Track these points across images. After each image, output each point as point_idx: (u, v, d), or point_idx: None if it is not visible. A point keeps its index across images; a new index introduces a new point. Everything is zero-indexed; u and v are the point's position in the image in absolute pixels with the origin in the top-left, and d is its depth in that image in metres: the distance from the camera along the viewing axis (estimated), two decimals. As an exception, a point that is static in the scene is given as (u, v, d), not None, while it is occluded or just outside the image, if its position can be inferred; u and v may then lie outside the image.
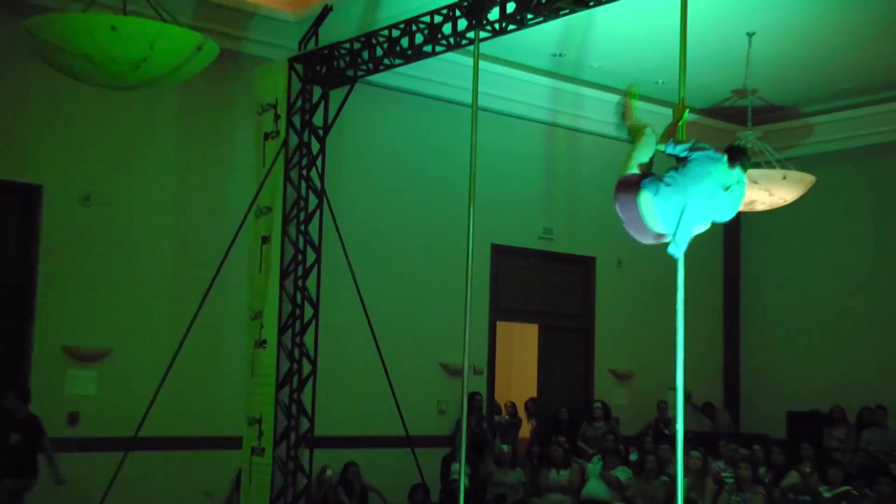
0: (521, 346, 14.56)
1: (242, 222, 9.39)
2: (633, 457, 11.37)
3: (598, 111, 13.21)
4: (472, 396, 11.54)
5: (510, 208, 12.61)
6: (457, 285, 9.12)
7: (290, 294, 9.49)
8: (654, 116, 13.83)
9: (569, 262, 13.36)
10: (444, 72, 11.45)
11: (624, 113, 5.65)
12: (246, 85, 10.34)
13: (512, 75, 12.19)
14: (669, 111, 5.92)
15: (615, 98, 13.25)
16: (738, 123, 12.49)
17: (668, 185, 5.10)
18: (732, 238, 14.80)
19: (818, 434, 12.31)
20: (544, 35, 10.81)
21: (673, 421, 11.64)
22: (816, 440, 11.82)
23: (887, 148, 13.35)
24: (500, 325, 12.72)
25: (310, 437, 9.38)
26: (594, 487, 10.34)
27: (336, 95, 9.79)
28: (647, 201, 5.09)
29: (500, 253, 12.59)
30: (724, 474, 10.32)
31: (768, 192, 10.46)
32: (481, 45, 7.88)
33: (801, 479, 9.93)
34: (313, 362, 9.53)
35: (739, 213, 13.60)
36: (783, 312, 14.36)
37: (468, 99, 8.20)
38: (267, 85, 9.62)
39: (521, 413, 12.91)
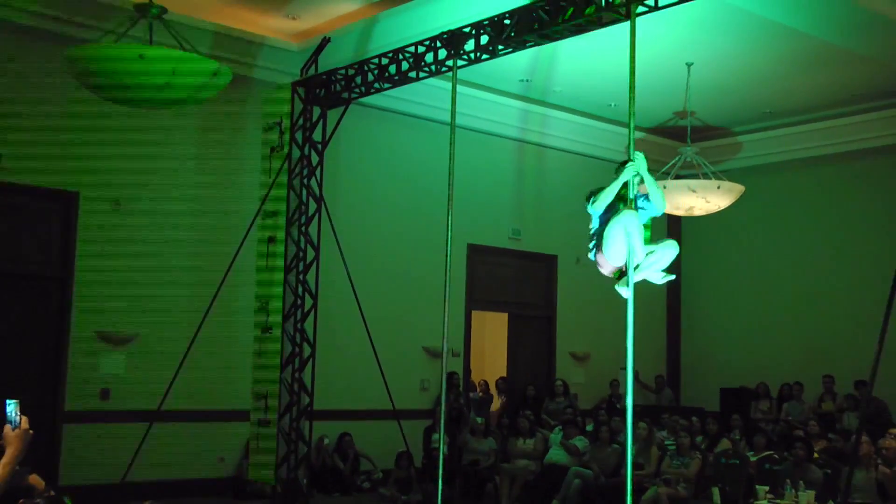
0: (492, 331, 14.62)
1: (251, 224, 9.38)
2: (589, 427, 11.43)
3: (561, 129, 13.31)
4: (451, 375, 11.57)
5: (484, 213, 12.65)
6: (437, 279, 9.13)
7: (293, 287, 9.46)
8: (607, 133, 13.95)
9: (534, 259, 13.42)
10: (427, 95, 11.48)
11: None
12: (255, 106, 10.32)
13: (486, 98, 12.23)
14: (621, 130, 5.92)
15: (576, 119, 13.43)
16: (679, 140, 12.60)
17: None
18: (675, 238, 14.88)
19: (746, 407, 12.42)
20: (514, 63, 10.86)
21: (623, 396, 11.76)
22: (744, 412, 11.94)
23: (806, 162, 13.45)
24: (475, 313, 12.77)
25: (309, 411, 9.36)
26: (556, 454, 10.38)
27: (333, 115, 9.79)
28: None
29: (475, 251, 12.63)
30: (666, 442, 10.38)
31: (705, 199, 10.54)
32: (459, 71, 7.90)
33: (731, 446, 9.99)
34: (312, 346, 9.49)
35: (680, 218, 13.89)
36: (717, 303, 14.47)
37: (447, 118, 8.25)
38: (273, 105, 9.61)
39: (493, 390, 12.95)
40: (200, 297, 9.52)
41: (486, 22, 7.54)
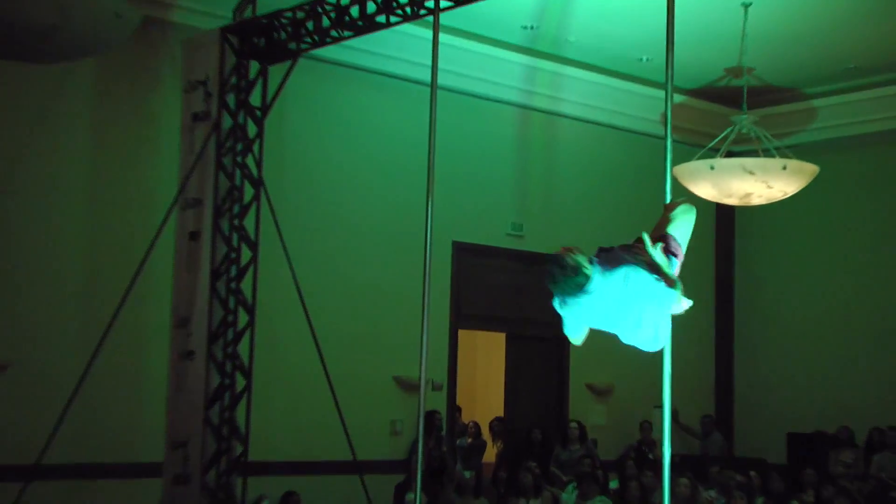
0: (486, 357, 14.58)
1: (167, 216, 9.33)
2: (613, 484, 11.41)
3: (576, 92, 13.30)
4: (431, 415, 11.54)
5: (475, 201, 12.63)
6: (413, 288, 9.09)
7: (222, 298, 9.44)
8: (636, 97, 13.98)
9: (541, 263, 13.30)
10: (401, 46, 11.43)
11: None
12: (172, 59, 10.26)
13: (478, 51, 12.19)
14: (655, 93, 5.92)
15: (597, 78, 13.42)
16: (732, 106, 12.59)
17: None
18: (725, 235, 14.92)
19: (823, 458, 12.42)
20: (515, 5, 10.82)
21: (658, 443, 11.75)
22: (821, 465, 11.93)
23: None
24: (462, 333, 12.73)
25: (243, 463, 9.34)
26: (569, 519, 10.38)
27: (276, 72, 9.74)
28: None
29: (464, 252, 12.60)
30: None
31: (766, 184, 10.54)
32: (443, 15, 7.87)
33: (802, 509, 10.02)
34: (248, 376, 9.49)
35: (732, 208, 13.91)
36: (783, 319, 14.47)
37: (427, 77, 8.20)
38: (196, 59, 9.57)
39: (486, 434, 12.92)
40: (98, 314, 9.45)
41: (477, -52, 7.52)
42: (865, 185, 13.90)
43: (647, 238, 4.76)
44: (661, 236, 4.92)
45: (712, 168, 10.28)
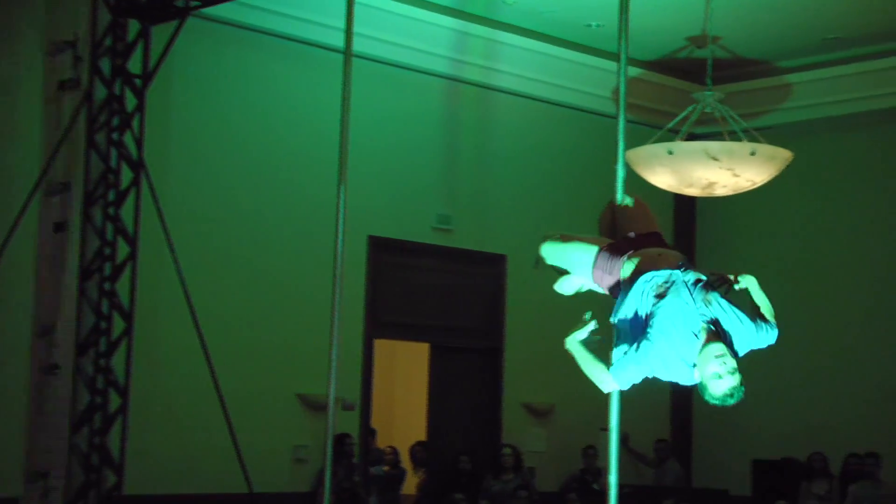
0: (406, 372, 14.57)
1: (27, 203, 9.21)
2: (553, 520, 11.49)
3: (515, 62, 13.33)
4: (341, 440, 11.53)
5: (396, 189, 12.64)
6: (322, 290, 9.08)
7: (94, 302, 9.36)
8: (585, 70, 14.05)
9: (472, 262, 13.42)
10: (311, 6, 11.44)
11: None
12: (33, 16, 10.10)
13: (400, 12, 12.22)
14: (606, 65, 5.96)
15: (539, 46, 13.48)
16: (694, 81, 12.72)
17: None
18: (684, 231, 15.04)
19: (793, 489, 12.60)
20: (443, -41, 10.84)
21: (605, 472, 11.81)
22: (790, 497, 12.11)
23: (886, 115, 13.65)
24: (378, 343, 12.75)
25: (117, 497, 9.26)
26: (502, 561, 10.42)
27: (160, 34, 9.65)
28: None
29: (381, 249, 12.59)
30: (670, 543, 10.51)
31: (732, 172, 10.63)
32: (358, -31, 7.85)
33: (769, 549, 10.15)
34: (124, 394, 9.42)
35: (694, 200, 14.04)
36: (749, 331, 14.61)
37: (341, 43, 8.21)
38: (62, 15, 9.44)
39: (406, 461, 12.95)
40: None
41: None
42: (845, 174, 14.09)
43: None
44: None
45: (671, 153, 10.35)
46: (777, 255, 14.51)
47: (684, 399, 14.98)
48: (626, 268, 5.02)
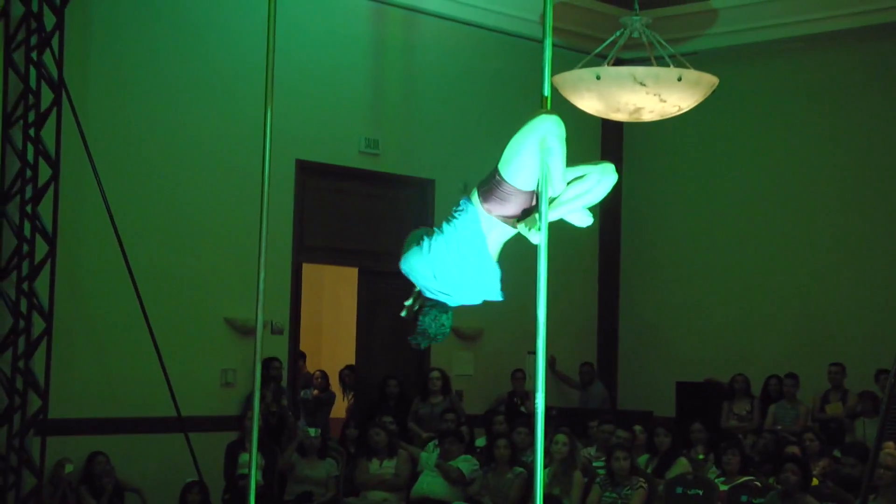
0: (334, 296, 14.58)
1: (-54, 124, 9.05)
2: (479, 442, 11.55)
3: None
4: (269, 363, 11.52)
5: (322, 113, 12.55)
6: (249, 214, 9.02)
7: (15, 225, 9.27)
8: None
9: (400, 186, 13.40)
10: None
11: None
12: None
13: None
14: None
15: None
16: (622, 6, 12.68)
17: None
18: (612, 157, 15.09)
19: (715, 411, 12.79)
20: None
21: (532, 395, 11.89)
22: (712, 418, 12.27)
23: (815, 41, 13.68)
24: (306, 268, 12.75)
25: (41, 421, 9.21)
26: (429, 482, 10.47)
27: (81, -50, 9.47)
28: None
29: (308, 172, 12.54)
30: (595, 463, 10.60)
31: (659, 97, 10.65)
32: None
33: (691, 468, 10.27)
34: (48, 318, 9.36)
35: (621, 125, 14.07)
36: (675, 256, 14.75)
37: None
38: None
39: (335, 385, 12.99)
40: None
41: None
42: (772, 100, 14.17)
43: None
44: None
45: (598, 77, 10.32)
46: (702, 181, 14.64)
47: (610, 322, 15.14)
48: None
